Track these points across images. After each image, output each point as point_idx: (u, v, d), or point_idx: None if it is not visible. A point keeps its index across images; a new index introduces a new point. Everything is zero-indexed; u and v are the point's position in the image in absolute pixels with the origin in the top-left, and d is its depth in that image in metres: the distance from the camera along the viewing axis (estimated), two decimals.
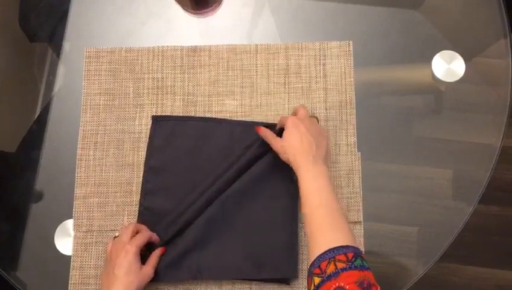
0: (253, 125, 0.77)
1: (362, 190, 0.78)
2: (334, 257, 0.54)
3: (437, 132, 0.82)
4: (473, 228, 1.42)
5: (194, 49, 0.83)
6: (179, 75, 0.82)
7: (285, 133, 0.69)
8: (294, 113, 0.73)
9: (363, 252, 0.74)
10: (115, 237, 0.70)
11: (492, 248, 1.43)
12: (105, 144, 0.79)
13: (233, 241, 0.74)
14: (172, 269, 0.72)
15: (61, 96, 0.84)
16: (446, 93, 0.83)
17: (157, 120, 0.80)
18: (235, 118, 0.80)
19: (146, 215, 0.76)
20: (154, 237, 0.72)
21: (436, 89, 0.83)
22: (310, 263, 0.57)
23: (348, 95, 0.81)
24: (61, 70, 0.85)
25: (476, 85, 0.84)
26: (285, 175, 0.75)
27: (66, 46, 0.86)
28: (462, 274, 1.41)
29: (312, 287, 0.54)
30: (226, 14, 0.88)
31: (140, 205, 0.76)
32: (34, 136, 0.83)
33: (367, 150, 0.79)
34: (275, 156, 0.72)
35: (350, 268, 0.52)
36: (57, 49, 0.86)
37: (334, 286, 0.51)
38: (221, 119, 0.80)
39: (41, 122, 0.83)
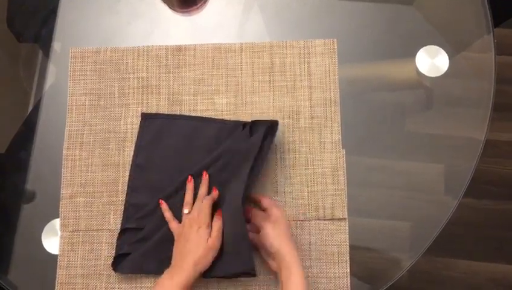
0: (241, 124, 0.78)
1: (353, 186, 0.78)
2: None
3: (424, 126, 0.82)
4: (465, 222, 1.43)
5: (179, 49, 0.83)
6: (164, 75, 0.82)
7: (274, 222, 0.68)
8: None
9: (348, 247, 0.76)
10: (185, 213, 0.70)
11: (486, 242, 1.43)
12: (91, 144, 0.80)
13: None
14: (144, 261, 0.73)
15: (50, 95, 0.84)
16: (431, 88, 0.83)
17: (146, 117, 0.80)
18: (221, 117, 0.80)
19: (131, 211, 0.76)
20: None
21: (421, 84, 0.83)
22: None
23: (332, 93, 0.81)
24: (50, 70, 0.85)
25: (461, 79, 0.84)
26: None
27: (55, 45, 0.86)
28: (456, 268, 1.41)
29: None
30: (212, 12, 0.87)
31: (126, 201, 0.77)
32: (24, 136, 0.83)
33: (356, 147, 0.80)
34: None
35: None
36: (46, 49, 0.86)
37: None
38: (209, 118, 0.80)
39: (30, 123, 0.83)
